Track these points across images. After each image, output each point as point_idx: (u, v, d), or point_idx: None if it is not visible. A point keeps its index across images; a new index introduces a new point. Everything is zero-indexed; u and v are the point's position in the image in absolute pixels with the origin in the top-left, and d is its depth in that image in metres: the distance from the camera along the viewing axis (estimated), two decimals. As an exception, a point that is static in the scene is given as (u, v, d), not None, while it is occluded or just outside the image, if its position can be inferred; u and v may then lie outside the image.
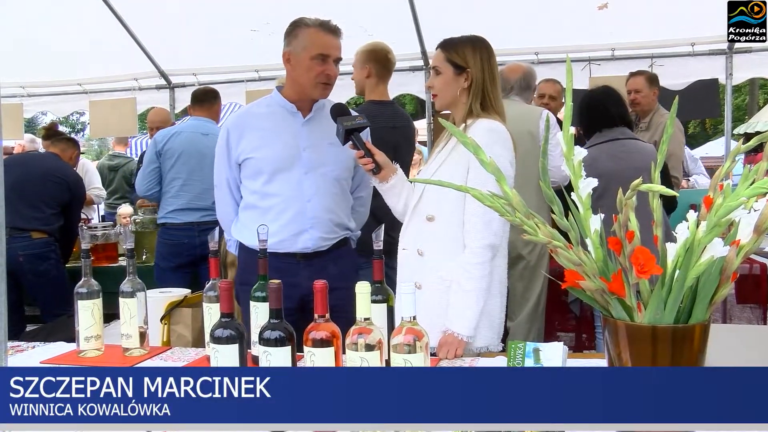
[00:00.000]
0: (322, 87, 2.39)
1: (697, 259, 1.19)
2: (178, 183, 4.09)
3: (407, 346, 1.37)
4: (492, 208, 1.32)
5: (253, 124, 2.46)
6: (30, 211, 4.07)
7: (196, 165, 4.06)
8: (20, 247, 3.96)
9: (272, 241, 2.36)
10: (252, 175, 2.44)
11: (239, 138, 2.44)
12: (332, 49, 2.35)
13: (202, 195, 4.03)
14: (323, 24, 2.36)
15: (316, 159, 2.42)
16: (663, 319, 1.23)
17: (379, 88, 3.43)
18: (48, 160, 4.36)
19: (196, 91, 4.60)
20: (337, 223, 2.49)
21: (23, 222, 4.00)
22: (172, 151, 4.10)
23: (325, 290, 1.47)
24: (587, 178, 1.30)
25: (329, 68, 2.35)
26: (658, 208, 1.34)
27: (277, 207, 2.41)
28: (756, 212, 1.21)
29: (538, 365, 1.36)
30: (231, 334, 1.49)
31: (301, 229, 2.41)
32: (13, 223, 3.87)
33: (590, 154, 3.52)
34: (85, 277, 2.05)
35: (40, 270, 4.04)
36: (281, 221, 2.40)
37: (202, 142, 4.10)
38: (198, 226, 4.03)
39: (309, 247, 2.43)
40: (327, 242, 2.46)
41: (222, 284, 1.54)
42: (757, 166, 1.22)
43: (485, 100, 2.16)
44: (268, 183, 2.41)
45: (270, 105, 2.50)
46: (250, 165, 2.43)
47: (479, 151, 1.34)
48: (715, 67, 5.33)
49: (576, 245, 1.30)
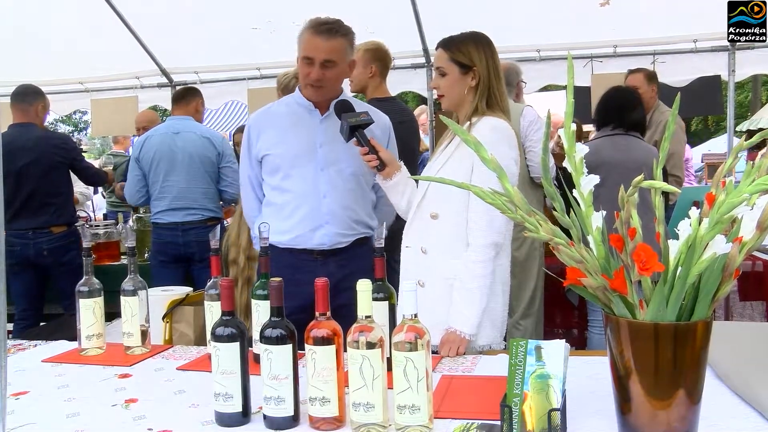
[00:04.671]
0: (310, 89, 2.41)
1: (700, 256, 1.19)
2: (158, 186, 4.17)
3: (408, 343, 1.37)
4: (493, 206, 1.32)
5: (272, 122, 2.50)
6: (44, 209, 4.21)
7: (169, 166, 4.14)
8: (44, 242, 4.17)
9: (289, 237, 2.43)
10: (271, 171, 2.48)
11: (258, 135, 2.49)
12: (317, 51, 2.33)
13: (181, 195, 4.13)
14: (315, 26, 2.35)
15: (332, 155, 2.42)
16: (665, 316, 1.22)
17: (382, 87, 3.53)
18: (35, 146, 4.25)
19: (174, 91, 4.69)
20: (356, 220, 2.48)
21: (39, 222, 4.16)
22: (147, 156, 4.18)
23: (326, 288, 1.47)
24: (589, 174, 1.29)
25: (313, 71, 2.35)
26: (660, 205, 1.34)
27: (293, 203, 2.43)
28: (759, 209, 1.20)
29: (539, 363, 1.36)
30: (232, 333, 1.49)
31: (317, 224, 2.42)
32: (30, 225, 4.13)
33: (593, 144, 3.54)
34: (86, 276, 2.05)
35: (63, 261, 4.18)
36: (297, 217, 2.43)
37: (173, 141, 4.19)
38: (181, 226, 4.12)
39: (325, 243, 2.43)
40: (346, 239, 2.46)
41: (223, 282, 1.54)
42: (759, 162, 1.21)
43: (491, 97, 2.16)
44: (285, 179, 2.44)
45: (290, 104, 2.53)
46: (268, 161, 2.47)
47: (480, 148, 1.33)
48: (717, 63, 5.32)
49: (578, 242, 1.30)
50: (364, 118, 2.24)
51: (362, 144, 2.22)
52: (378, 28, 4.45)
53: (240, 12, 5.29)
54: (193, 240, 4.13)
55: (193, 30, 5.60)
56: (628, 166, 3.19)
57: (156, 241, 4.21)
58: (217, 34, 5.61)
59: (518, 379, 1.36)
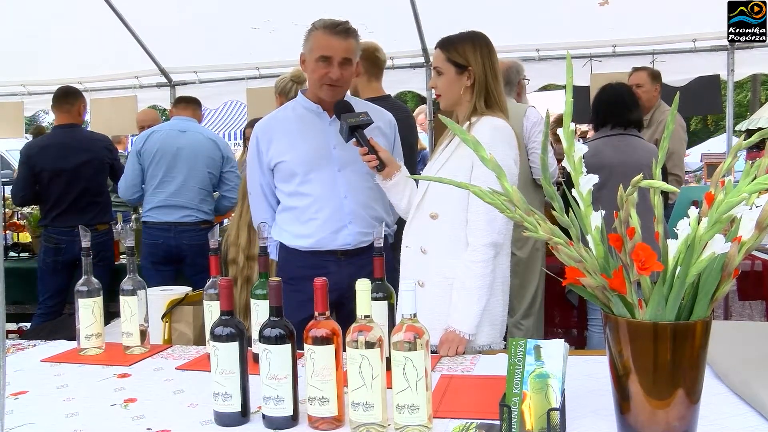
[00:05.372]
0: (326, 89, 2.38)
1: (699, 256, 1.19)
2: (156, 180, 4.15)
3: (408, 343, 1.37)
4: (492, 205, 1.32)
5: (281, 128, 2.48)
6: (90, 207, 4.30)
7: (171, 161, 4.14)
8: None
9: (311, 241, 2.41)
10: (286, 178, 2.45)
11: (269, 143, 2.46)
12: (335, 50, 2.33)
13: (178, 192, 4.12)
14: (329, 26, 2.35)
15: (347, 156, 2.41)
16: (664, 316, 1.22)
17: (373, 85, 3.49)
18: (88, 147, 4.36)
19: (178, 96, 4.77)
20: (376, 218, 2.48)
21: (86, 220, 4.14)
22: (150, 150, 4.17)
23: (326, 287, 1.46)
24: (588, 174, 1.29)
25: (332, 70, 2.34)
26: (659, 205, 1.33)
27: (314, 206, 2.42)
28: (758, 208, 1.20)
29: (539, 362, 1.36)
30: (231, 332, 1.49)
31: (340, 225, 2.42)
32: (77, 222, 4.08)
33: (593, 145, 3.54)
34: (85, 276, 2.05)
35: (101, 257, 4.16)
36: (319, 220, 2.41)
37: (178, 138, 4.19)
38: (175, 227, 4.10)
39: (349, 243, 2.43)
40: (368, 237, 2.44)
41: (222, 282, 1.53)
42: (758, 162, 1.21)
43: (489, 97, 2.16)
44: (303, 183, 2.42)
45: (295, 108, 2.52)
46: (282, 168, 2.45)
47: (479, 148, 1.33)
48: (716, 63, 5.32)
49: (577, 242, 1.30)
50: (363, 118, 2.24)
51: (362, 144, 2.22)
52: (377, 27, 4.45)
53: (239, 12, 5.29)
54: (185, 243, 4.10)
55: (192, 30, 5.60)
56: (628, 169, 3.18)
57: (145, 242, 4.15)
58: (217, 34, 5.61)
59: (517, 378, 1.36)
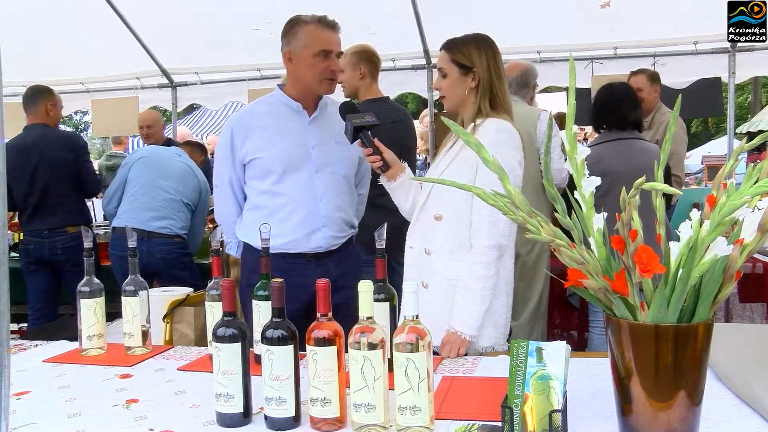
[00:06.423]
0: (327, 83, 2.38)
1: (701, 258, 1.19)
2: (139, 185, 4.13)
3: (410, 344, 1.37)
4: (495, 207, 1.32)
5: (258, 123, 2.42)
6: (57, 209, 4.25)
7: (160, 170, 4.15)
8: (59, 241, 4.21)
9: (282, 241, 2.33)
10: (260, 175, 2.40)
11: (245, 138, 2.40)
12: (333, 44, 2.36)
13: (165, 198, 4.08)
14: (321, 20, 2.36)
15: (325, 158, 2.41)
16: (666, 318, 1.22)
17: (373, 87, 3.55)
18: (38, 145, 4.30)
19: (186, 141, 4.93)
20: (347, 222, 2.49)
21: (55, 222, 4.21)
22: (140, 160, 4.22)
23: (328, 289, 1.47)
24: (590, 176, 1.29)
25: (333, 63, 2.35)
26: (661, 207, 1.34)
27: (288, 206, 2.38)
28: (760, 211, 1.21)
29: (540, 364, 1.36)
30: (233, 333, 1.49)
31: (313, 228, 2.40)
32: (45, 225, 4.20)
33: (596, 152, 3.54)
34: (87, 276, 2.05)
35: (78, 261, 4.15)
36: (293, 221, 2.38)
37: (171, 154, 4.29)
38: (147, 240, 3.94)
39: (321, 246, 2.41)
40: (338, 241, 2.45)
41: (224, 283, 1.54)
42: (760, 164, 1.21)
43: (494, 98, 2.16)
44: (278, 183, 2.38)
45: (273, 103, 2.47)
46: (257, 165, 2.39)
47: (482, 150, 1.33)
48: (717, 65, 5.32)
49: (579, 244, 1.30)
50: (369, 119, 2.23)
51: (366, 145, 2.22)
52: (379, 29, 4.46)
53: (240, 12, 5.29)
54: (159, 258, 3.97)
55: (193, 30, 5.61)
56: (632, 176, 3.15)
57: (115, 253, 4.01)
58: (218, 34, 5.61)
59: (519, 380, 1.36)
